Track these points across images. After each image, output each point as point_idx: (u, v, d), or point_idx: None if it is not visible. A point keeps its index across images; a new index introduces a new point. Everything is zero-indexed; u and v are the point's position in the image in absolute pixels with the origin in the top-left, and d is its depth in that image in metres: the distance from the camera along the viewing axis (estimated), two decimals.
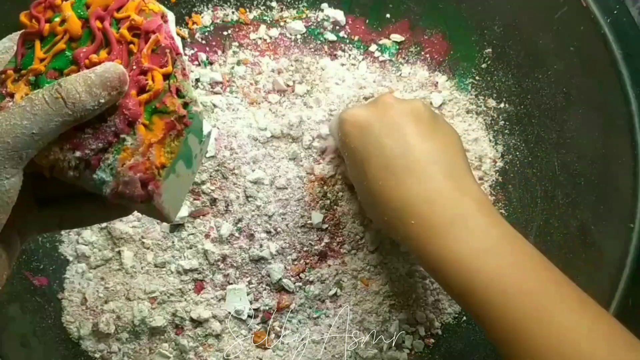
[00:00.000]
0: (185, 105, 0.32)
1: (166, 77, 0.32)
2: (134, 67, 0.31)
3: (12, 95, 0.30)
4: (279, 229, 0.56)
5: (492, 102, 0.62)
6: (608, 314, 0.39)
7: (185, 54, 0.60)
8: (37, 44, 0.32)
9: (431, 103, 0.62)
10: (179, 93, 0.32)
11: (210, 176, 0.56)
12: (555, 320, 0.36)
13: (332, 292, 0.57)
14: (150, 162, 0.30)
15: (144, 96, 0.31)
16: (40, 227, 0.35)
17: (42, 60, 0.32)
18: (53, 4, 0.33)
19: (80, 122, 0.29)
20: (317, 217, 0.57)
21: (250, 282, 0.56)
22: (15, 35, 0.33)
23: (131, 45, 0.32)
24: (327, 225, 0.57)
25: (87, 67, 0.31)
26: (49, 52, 0.32)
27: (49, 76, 0.31)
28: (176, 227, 0.56)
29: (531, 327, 0.36)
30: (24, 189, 0.29)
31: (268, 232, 0.56)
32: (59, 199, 0.35)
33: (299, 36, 0.62)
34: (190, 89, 0.33)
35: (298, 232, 0.57)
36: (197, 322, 0.55)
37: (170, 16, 0.35)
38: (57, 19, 0.32)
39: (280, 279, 0.56)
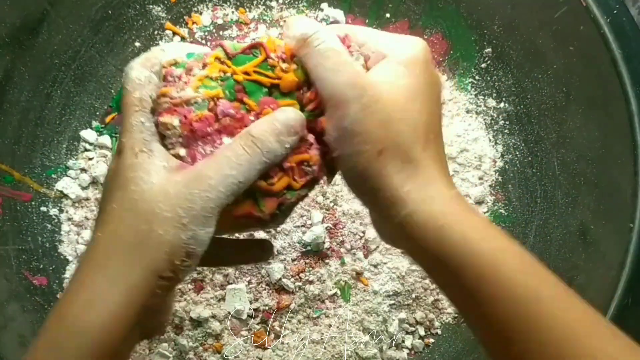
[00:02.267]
0: (274, 216, 0.32)
1: (288, 188, 0.31)
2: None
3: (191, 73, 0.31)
4: (278, 229, 0.56)
5: (491, 102, 0.61)
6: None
7: None
8: (260, 59, 0.32)
9: None
10: (280, 207, 0.31)
11: None
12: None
13: (332, 292, 0.57)
14: None
15: (262, 184, 0.30)
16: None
17: (246, 74, 0.31)
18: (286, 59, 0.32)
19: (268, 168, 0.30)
20: (317, 217, 0.57)
21: (250, 282, 0.56)
22: (157, 63, 0.32)
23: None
24: (327, 225, 0.57)
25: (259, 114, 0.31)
26: (257, 76, 0.31)
27: (237, 89, 0.31)
28: None
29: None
30: None
31: (268, 232, 0.56)
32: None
33: None
34: (290, 212, 0.33)
35: (298, 232, 0.57)
36: (197, 322, 0.55)
37: None
38: (293, 67, 0.32)
39: (280, 279, 0.56)
